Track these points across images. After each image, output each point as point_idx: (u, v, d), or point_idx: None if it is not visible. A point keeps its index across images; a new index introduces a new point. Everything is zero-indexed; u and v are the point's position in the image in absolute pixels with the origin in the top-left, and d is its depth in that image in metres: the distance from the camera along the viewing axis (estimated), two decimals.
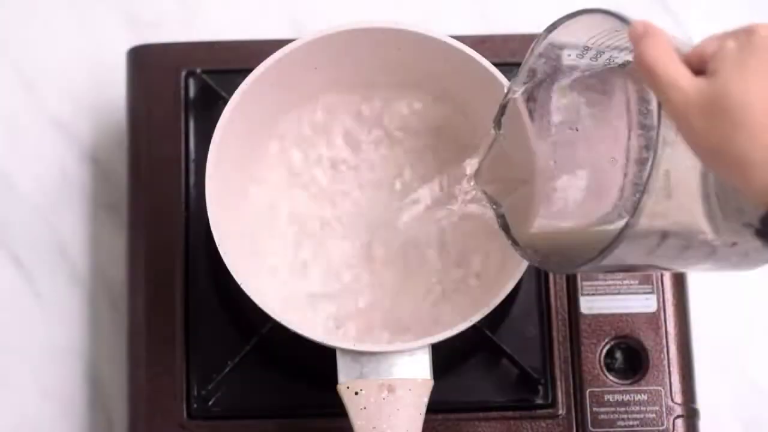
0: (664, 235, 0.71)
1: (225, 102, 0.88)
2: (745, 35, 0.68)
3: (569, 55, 0.78)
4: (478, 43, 0.93)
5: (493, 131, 0.83)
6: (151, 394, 0.94)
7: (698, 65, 0.69)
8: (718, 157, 0.68)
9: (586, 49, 0.77)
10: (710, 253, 0.73)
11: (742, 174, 0.67)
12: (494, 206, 0.84)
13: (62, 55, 1.09)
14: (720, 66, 0.68)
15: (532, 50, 0.79)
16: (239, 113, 0.88)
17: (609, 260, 0.72)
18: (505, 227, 0.83)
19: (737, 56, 0.67)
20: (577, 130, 0.81)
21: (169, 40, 1.03)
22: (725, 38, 0.69)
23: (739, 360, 1.04)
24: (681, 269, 0.92)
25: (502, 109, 0.82)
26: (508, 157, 0.83)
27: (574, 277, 0.96)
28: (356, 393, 0.84)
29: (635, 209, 0.69)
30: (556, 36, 0.78)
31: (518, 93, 0.82)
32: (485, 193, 0.84)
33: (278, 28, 1.10)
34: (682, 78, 0.68)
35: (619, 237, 0.70)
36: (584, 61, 0.78)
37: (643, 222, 0.70)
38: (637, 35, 0.70)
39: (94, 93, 1.08)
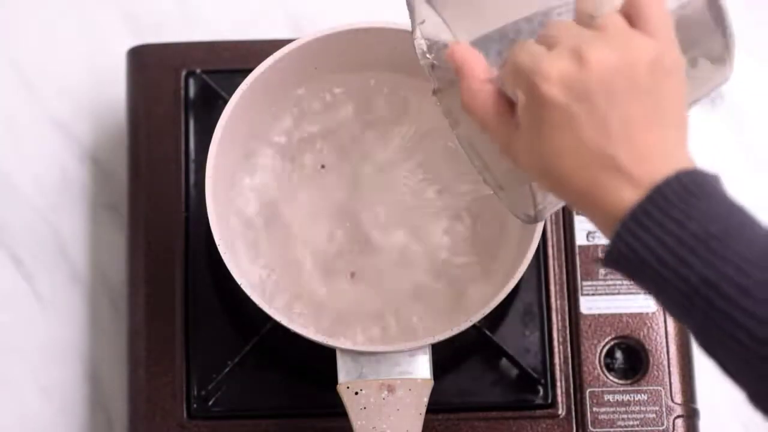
0: None
1: (225, 102, 0.88)
2: (529, 90, 0.66)
3: None
4: None
5: (423, 63, 0.80)
6: (151, 394, 0.94)
7: None
8: None
9: None
10: None
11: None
12: (455, 128, 0.81)
13: (62, 55, 1.09)
14: (518, 119, 0.67)
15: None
16: (239, 113, 0.88)
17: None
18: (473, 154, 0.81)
19: (523, 115, 0.66)
20: None
21: (169, 40, 1.03)
22: (517, 81, 0.66)
23: None
24: None
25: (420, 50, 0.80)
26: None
27: (574, 277, 0.96)
28: (356, 393, 0.84)
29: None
30: None
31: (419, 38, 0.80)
32: (445, 112, 0.82)
33: (278, 28, 1.10)
34: (495, 132, 0.68)
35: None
36: None
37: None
38: (454, 66, 0.70)
39: (94, 93, 1.08)
